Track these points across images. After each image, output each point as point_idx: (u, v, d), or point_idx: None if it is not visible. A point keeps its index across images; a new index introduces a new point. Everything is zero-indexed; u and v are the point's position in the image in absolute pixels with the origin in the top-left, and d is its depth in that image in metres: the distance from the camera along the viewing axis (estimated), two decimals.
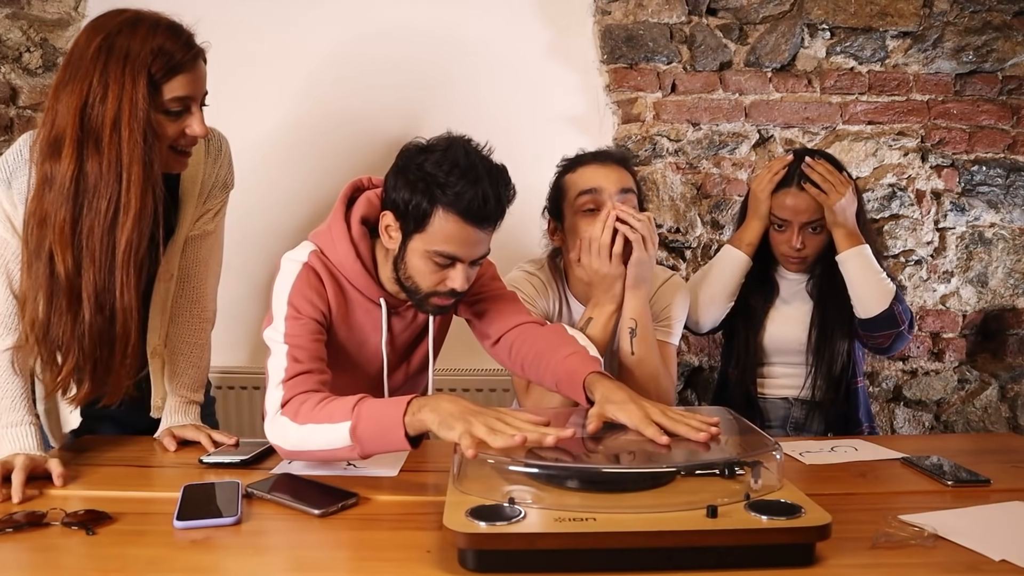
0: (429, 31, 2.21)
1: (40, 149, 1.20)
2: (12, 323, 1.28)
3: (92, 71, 1.16)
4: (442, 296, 1.34)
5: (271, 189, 2.19)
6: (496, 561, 0.87)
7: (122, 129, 1.17)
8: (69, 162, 1.16)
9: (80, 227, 1.18)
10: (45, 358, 1.24)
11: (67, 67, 1.19)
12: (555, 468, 1.01)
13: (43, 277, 1.19)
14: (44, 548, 0.97)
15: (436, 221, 1.27)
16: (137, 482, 1.23)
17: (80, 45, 1.19)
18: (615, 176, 1.55)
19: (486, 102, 2.23)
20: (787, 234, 1.76)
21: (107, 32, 1.18)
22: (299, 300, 1.32)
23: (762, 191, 1.77)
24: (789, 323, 1.82)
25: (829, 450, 1.42)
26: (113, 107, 1.16)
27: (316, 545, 0.97)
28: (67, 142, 1.16)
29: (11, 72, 2.16)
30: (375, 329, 1.42)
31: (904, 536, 0.96)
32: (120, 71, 1.16)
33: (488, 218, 1.29)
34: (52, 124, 1.19)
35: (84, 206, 1.18)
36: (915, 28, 2.24)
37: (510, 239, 2.25)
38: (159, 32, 1.20)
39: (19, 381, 1.28)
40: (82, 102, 1.16)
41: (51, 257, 1.18)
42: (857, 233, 1.72)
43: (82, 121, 1.16)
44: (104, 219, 1.17)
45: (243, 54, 2.13)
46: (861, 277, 1.70)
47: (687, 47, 2.24)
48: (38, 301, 1.20)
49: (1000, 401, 2.36)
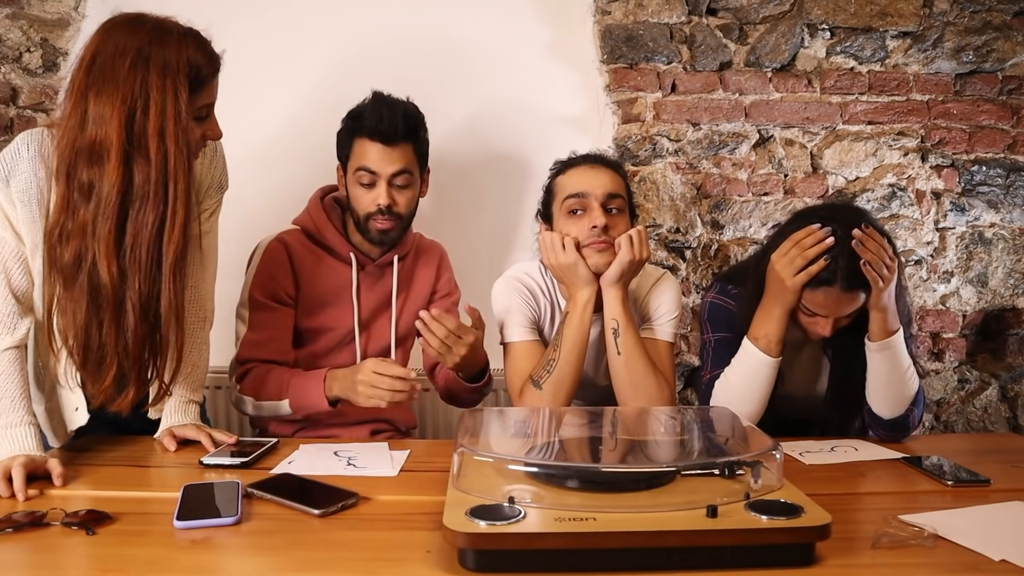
0: (429, 31, 2.21)
1: (68, 156, 1.19)
2: (11, 323, 1.28)
3: (132, 81, 1.17)
4: (376, 217, 1.63)
5: (272, 194, 2.19)
6: (496, 561, 0.87)
7: (167, 139, 1.18)
8: (116, 174, 1.17)
9: (125, 237, 1.19)
10: (88, 368, 1.25)
11: (91, 73, 1.18)
12: (555, 468, 1.02)
13: (83, 288, 1.20)
14: (44, 548, 0.97)
15: (355, 147, 1.63)
16: (137, 482, 1.23)
17: (107, 53, 1.18)
18: (602, 180, 1.56)
19: (486, 102, 2.23)
20: (817, 321, 1.46)
21: (138, 43, 1.19)
22: (260, 284, 1.64)
23: (791, 281, 1.41)
24: (804, 374, 1.62)
25: (829, 450, 1.42)
26: (158, 117, 1.18)
27: (316, 545, 0.97)
28: (113, 153, 1.16)
29: (11, 72, 2.16)
30: (347, 286, 1.69)
31: (904, 536, 0.96)
32: (161, 81, 1.18)
33: (392, 135, 1.59)
34: (81, 129, 1.18)
35: (130, 217, 1.19)
36: (915, 28, 2.24)
37: (510, 238, 2.26)
38: (188, 43, 1.23)
39: (18, 381, 1.27)
40: (127, 113, 1.17)
41: (93, 267, 1.19)
42: (895, 319, 1.44)
43: (128, 132, 1.17)
44: (152, 230, 1.19)
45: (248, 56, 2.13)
46: (885, 379, 1.46)
47: (687, 47, 2.24)
48: (77, 312, 1.20)
49: (1000, 401, 2.36)
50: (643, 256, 1.52)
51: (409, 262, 1.78)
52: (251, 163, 2.17)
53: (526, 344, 1.61)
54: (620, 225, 1.55)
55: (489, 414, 1.38)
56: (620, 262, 1.51)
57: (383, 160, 1.60)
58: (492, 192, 2.26)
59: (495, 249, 2.25)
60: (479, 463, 1.00)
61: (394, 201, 1.62)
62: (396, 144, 1.60)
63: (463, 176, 2.24)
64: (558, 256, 1.54)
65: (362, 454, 1.36)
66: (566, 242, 1.53)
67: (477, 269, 2.05)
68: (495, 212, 2.27)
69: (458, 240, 2.04)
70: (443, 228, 2.11)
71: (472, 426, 1.18)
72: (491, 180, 2.26)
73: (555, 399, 1.52)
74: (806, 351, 1.62)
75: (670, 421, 1.31)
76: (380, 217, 1.63)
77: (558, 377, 1.52)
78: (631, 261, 1.51)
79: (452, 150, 2.21)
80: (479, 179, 2.25)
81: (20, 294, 1.29)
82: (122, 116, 1.16)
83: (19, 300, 1.28)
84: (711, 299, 1.64)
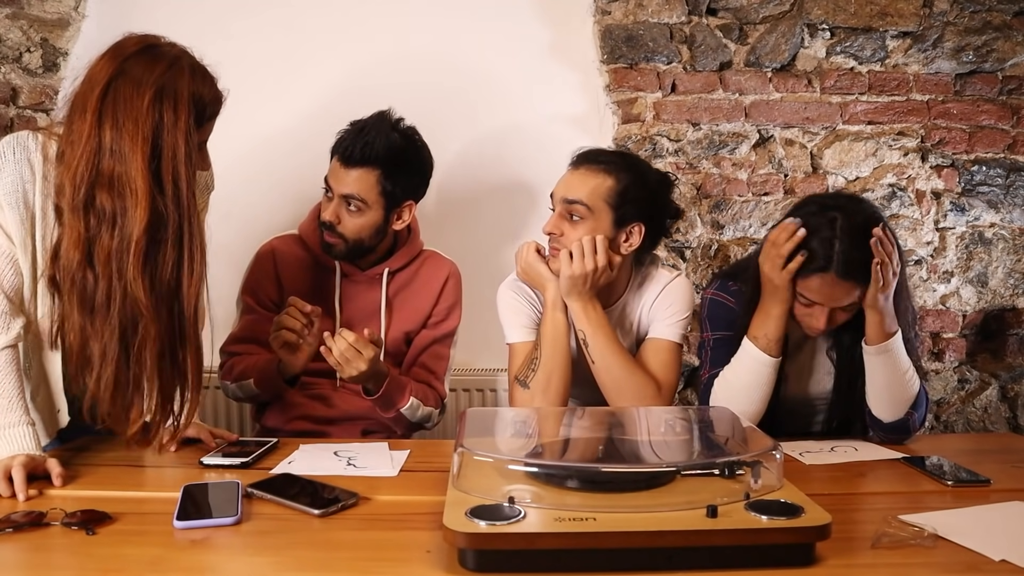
0: (429, 31, 2.21)
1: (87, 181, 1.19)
2: (5, 323, 1.27)
3: (152, 118, 1.19)
4: (324, 230, 1.67)
5: (272, 196, 2.19)
6: (496, 561, 0.87)
7: (182, 179, 1.21)
8: (144, 213, 1.18)
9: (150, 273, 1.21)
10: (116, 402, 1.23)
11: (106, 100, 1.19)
12: (555, 468, 1.02)
13: (114, 324, 1.20)
14: (44, 548, 0.97)
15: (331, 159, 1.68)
16: (137, 482, 1.23)
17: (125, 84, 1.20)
18: (572, 184, 1.54)
19: (486, 102, 2.23)
20: (813, 312, 1.45)
21: (157, 78, 1.20)
22: (247, 287, 1.73)
23: (778, 277, 1.42)
24: (802, 377, 1.60)
25: (829, 450, 1.42)
26: (175, 158, 1.20)
27: (316, 545, 0.97)
28: (140, 193, 1.18)
29: (11, 72, 2.16)
30: (330, 293, 1.72)
31: (904, 536, 0.96)
32: (175, 120, 1.20)
33: (349, 158, 1.62)
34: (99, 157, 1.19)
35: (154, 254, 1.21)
36: (915, 28, 2.24)
37: (511, 239, 2.25)
38: (199, 80, 1.25)
39: (14, 381, 1.26)
40: (149, 153, 1.18)
41: (124, 300, 1.20)
42: (892, 322, 1.42)
43: (152, 172, 1.19)
44: (173, 267, 1.22)
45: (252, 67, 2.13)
46: (883, 382, 1.44)
47: (687, 47, 2.24)
48: (108, 345, 1.21)
49: (1000, 401, 2.36)
50: (590, 268, 1.48)
51: (404, 277, 1.76)
52: (253, 175, 2.18)
53: (526, 345, 1.61)
54: (573, 233, 1.51)
55: (489, 414, 1.38)
56: (564, 276, 1.50)
57: (336, 177, 1.64)
58: (492, 192, 2.26)
59: (495, 250, 2.25)
60: (479, 463, 1.00)
61: (338, 220, 1.65)
62: (352, 167, 1.62)
63: (463, 176, 2.24)
64: (517, 262, 1.61)
65: (362, 454, 1.36)
66: (524, 248, 1.58)
67: (477, 270, 2.05)
68: (495, 212, 2.27)
69: (458, 241, 2.04)
70: (443, 229, 2.11)
71: (472, 426, 1.18)
72: (491, 180, 2.25)
73: (545, 396, 1.52)
74: (808, 353, 1.61)
75: (670, 421, 1.31)
76: (326, 231, 1.66)
77: (543, 374, 1.52)
78: (571, 276, 1.48)
79: (452, 151, 2.21)
80: (479, 179, 2.25)
81: (12, 294, 1.28)
82: (145, 155, 1.18)
83: (11, 300, 1.28)
84: (711, 296, 1.63)
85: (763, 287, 1.48)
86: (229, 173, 1.64)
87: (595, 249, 1.49)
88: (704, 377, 1.58)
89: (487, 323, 1.81)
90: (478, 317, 1.94)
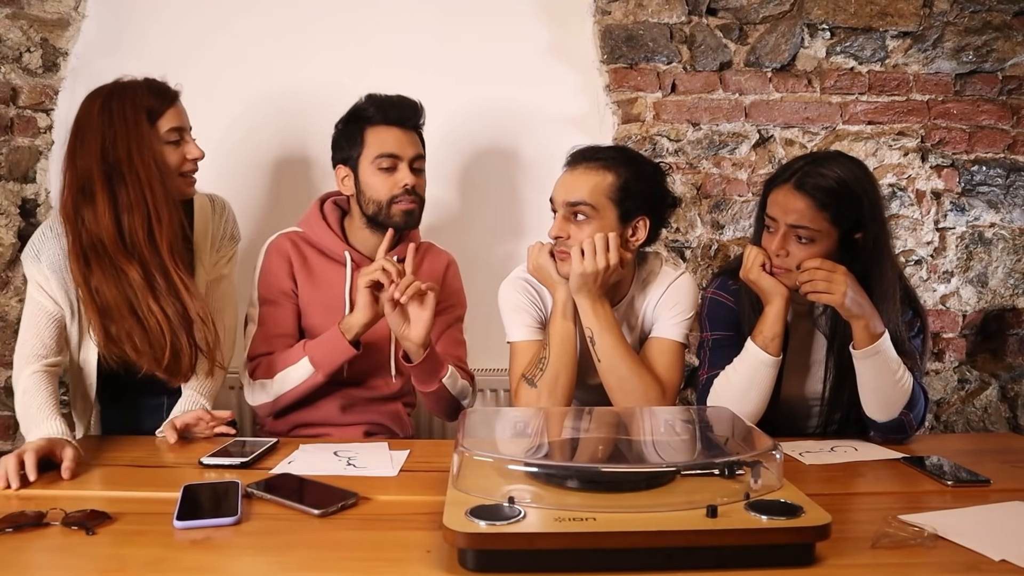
0: (429, 31, 2.21)
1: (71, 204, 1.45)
2: (37, 353, 1.46)
3: (100, 123, 1.45)
4: (400, 199, 1.67)
5: (274, 200, 2.19)
6: (496, 561, 0.87)
7: (135, 160, 1.44)
8: (103, 195, 1.43)
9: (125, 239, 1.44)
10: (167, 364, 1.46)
11: (76, 133, 1.47)
12: (555, 468, 1.02)
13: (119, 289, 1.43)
14: (44, 548, 0.97)
15: (370, 137, 1.67)
16: (137, 482, 1.23)
17: (83, 113, 1.48)
18: (572, 185, 1.52)
19: (486, 102, 2.23)
20: (774, 235, 1.50)
21: (103, 95, 1.48)
22: (264, 281, 1.71)
23: (765, 280, 1.49)
24: (804, 377, 1.61)
25: (829, 450, 1.42)
26: (125, 144, 1.44)
27: (316, 545, 0.97)
28: (96, 181, 1.43)
29: (11, 72, 2.16)
30: (340, 287, 1.70)
31: (904, 536, 0.96)
32: (123, 114, 1.45)
33: (407, 119, 1.68)
34: (75, 176, 1.46)
35: (124, 222, 1.44)
36: (915, 28, 2.24)
37: (511, 239, 2.25)
38: (144, 84, 1.51)
39: (47, 390, 1.41)
40: (100, 148, 1.44)
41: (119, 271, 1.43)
42: (877, 323, 1.43)
43: (103, 161, 1.44)
44: (143, 230, 1.44)
45: (252, 67, 2.13)
46: (873, 384, 1.44)
47: (687, 47, 2.24)
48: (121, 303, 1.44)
49: (1000, 401, 2.36)
50: (601, 265, 1.47)
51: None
52: (254, 182, 2.18)
53: (529, 343, 1.61)
54: (579, 235, 1.50)
55: (489, 414, 1.38)
56: (575, 274, 1.49)
57: (403, 143, 1.67)
58: (493, 192, 2.26)
59: (495, 250, 2.25)
60: (479, 463, 1.00)
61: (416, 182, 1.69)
62: (410, 129, 1.70)
63: (464, 176, 2.24)
64: (528, 261, 1.60)
65: (362, 454, 1.36)
66: (536, 249, 1.58)
67: (477, 270, 2.05)
68: (496, 212, 2.27)
69: (458, 241, 2.03)
70: (444, 228, 2.11)
71: (472, 426, 1.18)
72: (492, 180, 2.26)
73: (552, 396, 1.52)
74: (806, 353, 1.61)
75: (670, 421, 1.31)
76: (405, 198, 1.67)
77: (551, 374, 1.52)
78: (582, 273, 1.48)
79: (453, 150, 2.21)
80: (480, 179, 2.25)
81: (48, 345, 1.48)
82: (98, 151, 1.44)
83: (45, 345, 1.47)
84: (711, 295, 1.64)
85: (757, 294, 1.52)
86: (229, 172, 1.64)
87: (607, 247, 1.48)
88: (703, 377, 1.58)
89: (487, 324, 1.82)
90: (478, 318, 1.94)
